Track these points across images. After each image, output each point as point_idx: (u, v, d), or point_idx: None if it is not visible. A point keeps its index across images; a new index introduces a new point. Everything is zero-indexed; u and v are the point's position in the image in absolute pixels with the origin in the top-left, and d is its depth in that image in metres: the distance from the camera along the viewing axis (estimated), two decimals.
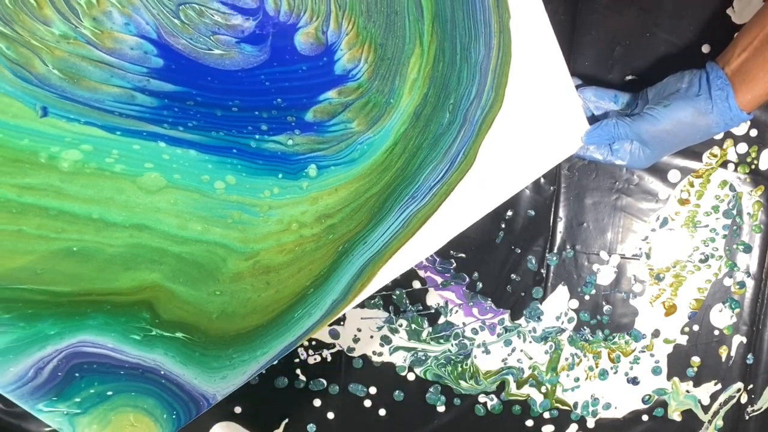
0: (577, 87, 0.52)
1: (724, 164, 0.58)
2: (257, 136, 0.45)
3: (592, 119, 0.53)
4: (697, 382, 0.61)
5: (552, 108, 0.50)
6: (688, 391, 0.61)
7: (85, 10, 0.38)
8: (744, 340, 0.60)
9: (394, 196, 0.49)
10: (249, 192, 0.46)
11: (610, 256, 0.59)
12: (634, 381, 0.60)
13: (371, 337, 0.59)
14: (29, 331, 0.43)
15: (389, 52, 0.45)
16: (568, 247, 0.59)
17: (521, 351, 0.59)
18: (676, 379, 0.60)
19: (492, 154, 0.50)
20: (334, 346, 0.59)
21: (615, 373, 0.60)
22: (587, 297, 0.59)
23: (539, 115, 0.50)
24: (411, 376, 0.60)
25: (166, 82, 0.41)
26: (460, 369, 0.59)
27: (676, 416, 0.61)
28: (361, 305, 0.57)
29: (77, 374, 0.46)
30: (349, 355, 0.59)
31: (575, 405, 0.60)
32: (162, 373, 0.48)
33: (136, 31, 0.40)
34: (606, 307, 0.59)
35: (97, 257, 0.44)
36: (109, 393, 0.47)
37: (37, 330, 0.44)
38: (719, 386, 0.61)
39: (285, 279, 0.49)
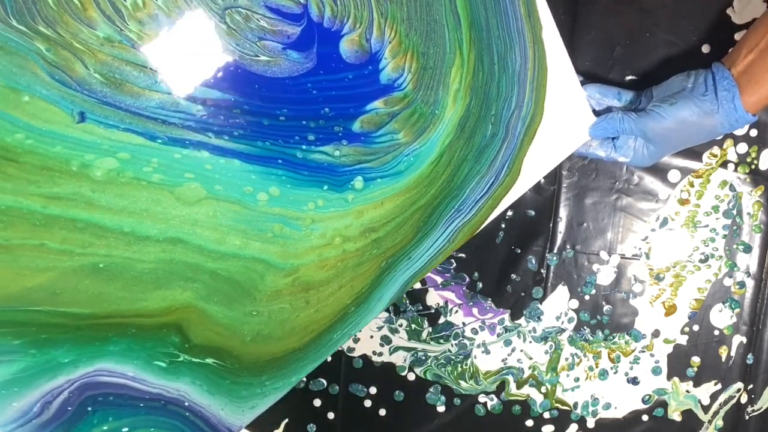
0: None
1: (724, 164, 0.58)
2: (304, 147, 0.43)
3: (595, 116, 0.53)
4: (697, 382, 0.60)
5: (557, 102, 0.50)
6: (688, 391, 0.61)
7: (131, 13, 0.37)
8: (744, 340, 0.60)
9: (439, 210, 0.48)
10: (292, 204, 0.43)
11: (610, 256, 0.59)
12: (634, 381, 0.60)
13: (371, 337, 0.58)
14: (40, 359, 0.39)
15: (431, 62, 0.44)
16: (568, 247, 0.58)
17: (521, 351, 0.59)
18: (676, 379, 0.60)
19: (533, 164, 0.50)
20: None
21: (615, 373, 0.60)
22: (587, 297, 0.59)
23: (547, 109, 0.50)
24: (411, 376, 0.59)
25: (213, 89, 0.39)
26: (460, 369, 0.59)
27: (676, 416, 0.61)
28: None
29: (90, 408, 0.41)
30: (349, 355, 0.59)
31: (575, 405, 0.60)
32: (186, 404, 0.44)
33: None
34: (606, 307, 0.59)
35: (125, 274, 0.40)
36: (125, 430, 0.43)
37: (48, 358, 0.39)
38: (719, 386, 0.61)
39: (325, 297, 0.46)
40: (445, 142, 0.46)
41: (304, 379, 0.59)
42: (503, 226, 0.58)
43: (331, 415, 0.60)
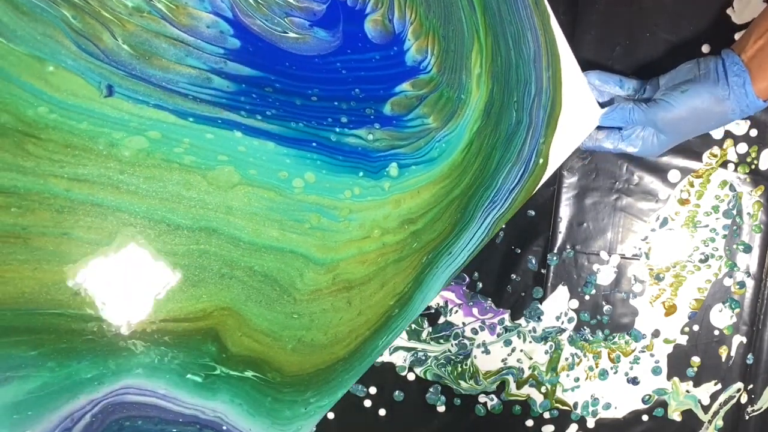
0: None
1: (724, 164, 0.58)
2: (337, 129, 0.41)
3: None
4: (697, 382, 0.60)
5: (567, 90, 0.50)
6: (688, 391, 0.61)
7: None
8: (744, 340, 0.60)
9: (475, 200, 0.48)
10: (329, 192, 0.42)
11: (610, 256, 0.59)
12: (634, 381, 0.60)
13: None
14: (59, 373, 0.34)
15: (452, 45, 0.44)
16: (568, 247, 0.58)
17: (521, 351, 0.59)
18: (676, 379, 0.60)
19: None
20: None
21: (615, 373, 0.60)
22: (587, 297, 0.59)
23: (564, 97, 0.51)
24: (411, 376, 0.59)
25: (244, 65, 0.38)
26: (460, 369, 0.59)
27: (676, 416, 0.61)
28: None
29: None
30: None
31: (575, 405, 0.60)
32: (224, 428, 0.40)
33: (212, 8, 0.37)
34: (606, 307, 0.59)
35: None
36: None
37: (69, 372, 0.34)
38: (719, 386, 0.61)
39: (368, 297, 0.44)
40: (474, 128, 0.46)
41: None
42: (503, 226, 0.58)
43: (330, 415, 0.60)
